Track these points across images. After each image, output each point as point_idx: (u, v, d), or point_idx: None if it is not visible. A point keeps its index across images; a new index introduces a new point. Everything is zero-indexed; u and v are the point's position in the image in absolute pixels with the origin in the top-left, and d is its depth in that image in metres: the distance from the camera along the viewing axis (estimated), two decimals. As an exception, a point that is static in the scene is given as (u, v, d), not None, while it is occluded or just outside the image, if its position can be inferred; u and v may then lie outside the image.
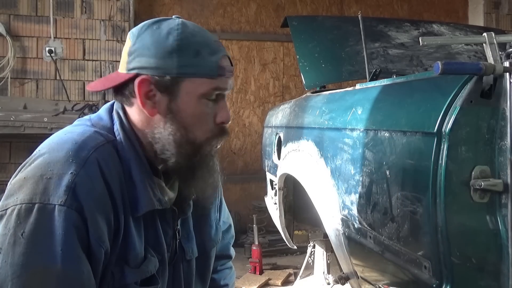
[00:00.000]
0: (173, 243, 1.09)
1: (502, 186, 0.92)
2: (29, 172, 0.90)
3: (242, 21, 4.65)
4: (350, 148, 1.37)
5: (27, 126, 3.35)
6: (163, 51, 0.96)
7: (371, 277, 1.41)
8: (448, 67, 0.92)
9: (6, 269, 0.82)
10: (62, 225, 0.85)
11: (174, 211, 1.07)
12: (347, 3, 4.84)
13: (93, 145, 0.93)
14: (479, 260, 0.94)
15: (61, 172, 0.88)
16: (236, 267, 4.19)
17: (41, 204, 0.85)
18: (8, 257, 0.83)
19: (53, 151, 0.92)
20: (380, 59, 2.30)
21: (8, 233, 0.84)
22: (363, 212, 1.28)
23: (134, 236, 0.97)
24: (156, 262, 1.02)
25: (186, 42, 0.97)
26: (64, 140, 0.94)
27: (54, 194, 0.86)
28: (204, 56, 0.98)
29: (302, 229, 2.45)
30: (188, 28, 0.99)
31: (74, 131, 0.98)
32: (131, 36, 1.00)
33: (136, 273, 0.97)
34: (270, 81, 4.72)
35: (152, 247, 1.02)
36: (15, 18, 4.00)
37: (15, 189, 0.88)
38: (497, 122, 0.95)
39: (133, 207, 0.96)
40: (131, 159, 0.98)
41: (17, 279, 0.82)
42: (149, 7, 4.45)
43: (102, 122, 1.02)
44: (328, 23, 2.69)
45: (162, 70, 0.96)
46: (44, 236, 0.84)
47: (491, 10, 4.89)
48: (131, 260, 0.96)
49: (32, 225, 0.84)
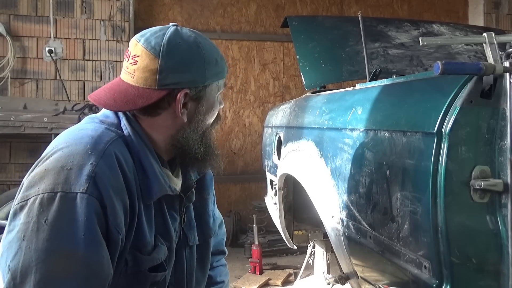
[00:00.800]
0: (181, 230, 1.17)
1: (502, 186, 0.92)
2: (50, 164, 0.94)
3: (242, 21, 4.65)
4: (350, 148, 1.37)
5: (27, 126, 3.35)
6: (196, 65, 1.07)
7: (371, 277, 1.41)
8: (448, 67, 0.92)
9: (30, 255, 0.86)
10: (84, 211, 0.89)
11: (181, 198, 1.15)
12: (347, 3, 4.84)
13: (108, 139, 1.00)
14: (479, 260, 0.94)
15: (81, 163, 0.93)
16: (236, 267, 4.21)
17: (63, 192, 0.90)
18: (32, 243, 0.87)
19: (71, 145, 0.97)
20: (380, 59, 2.30)
21: (31, 221, 0.88)
22: (363, 212, 1.28)
23: (144, 225, 1.04)
24: (165, 250, 1.09)
25: (209, 54, 1.09)
26: (80, 136, 1.00)
27: (75, 183, 0.91)
28: (220, 63, 1.13)
29: (302, 229, 2.45)
30: (202, 39, 1.11)
31: (87, 128, 1.04)
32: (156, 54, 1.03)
33: (148, 260, 1.04)
34: (270, 81, 4.72)
35: (161, 235, 1.09)
36: (15, 18, 4.00)
37: (36, 181, 0.92)
38: (497, 122, 0.95)
39: (145, 194, 1.04)
40: (140, 151, 1.05)
41: (42, 264, 0.85)
42: (149, 7, 4.45)
43: (109, 119, 1.08)
44: (328, 23, 2.69)
45: (197, 82, 1.08)
46: (67, 222, 0.89)
47: (491, 10, 4.89)
48: (143, 247, 1.03)
49: (55, 212, 0.88)
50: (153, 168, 1.05)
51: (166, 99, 1.06)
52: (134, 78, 1.05)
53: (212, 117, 1.16)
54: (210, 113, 1.14)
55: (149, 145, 1.07)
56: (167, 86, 1.04)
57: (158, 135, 1.10)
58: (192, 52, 1.06)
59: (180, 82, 1.05)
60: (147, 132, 1.09)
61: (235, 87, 4.64)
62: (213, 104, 1.14)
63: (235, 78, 4.64)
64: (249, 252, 3.85)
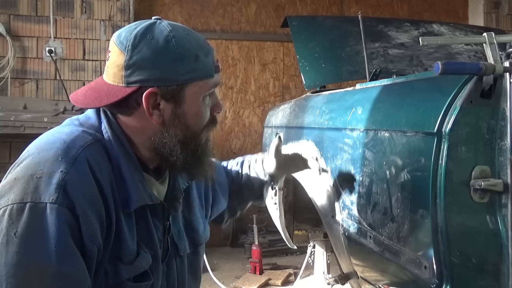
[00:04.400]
0: (165, 240, 1.10)
1: (502, 186, 0.92)
2: (19, 172, 0.90)
3: (242, 21, 4.65)
4: (350, 148, 1.37)
5: (27, 126, 3.35)
6: (166, 61, 0.97)
7: (371, 277, 1.41)
8: (448, 67, 0.92)
9: (0, 269, 0.82)
10: (54, 222, 0.85)
11: (163, 207, 1.09)
12: (347, 3, 4.84)
13: (81, 144, 0.94)
14: (479, 260, 0.94)
15: (51, 171, 0.88)
16: (236, 267, 4.20)
17: (32, 203, 0.85)
18: (1, 257, 0.83)
19: (42, 151, 0.92)
20: (380, 59, 2.30)
21: (1, 234, 0.84)
22: (363, 212, 1.28)
23: (126, 233, 0.98)
24: (149, 258, 1.03)
25: (184, 48, 0.98)
26: (52, 140, 0.95)
27: (45, 193, 0.86)
28: (202, 59, 1.00)
29: (302, 229, 2.45)
30: (180, 33, 0.99)
31: (62, 131, 0.98)
32: (122, 48, 0.96)
33: (130, 269, 0.98)
34: (270, 81, 4.72)
35: (144, 243, 1.03)
36: (15, 18, 4.00)
37: (6, 190, 0.88)
38: (497, 122, 0.95)
39: (124, 203, 0.97)
40: (120, 157, 0.99)
41: (12, 278, 0.82)
42: (149, 7, 4.45)
43: (90, 121, 1.03)
44: (328, 23, 2.69)
45: (167, 80, 0.97)
46: (37, 234, 0.84)
47: (491, 10, 4.89)
48: (124, 256, 0.97)
49: (25, 224, 0.84)
50: (132, 176, 0.99)
51: (134, 97, 0.98)
52: (106, 75, 1.00)
53: (199, 122, 1.04)
54: (193, 118, 1.02)
55: (129, 150, 1.01)
56: (133, 84, 0.96)
57: (136, 138, 1.02)
58: (162, 47, 0.96)
59: (147, 80, 0.96)
60: (128, 135, 1.02)
61: (235, 87, 4.64)
62: (197, 107, 1.01)
63: (235, 78, 4.64)
64: (249, 252, 3.85)
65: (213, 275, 3.41)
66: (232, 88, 4.63)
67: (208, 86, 1.02)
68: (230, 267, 3.91)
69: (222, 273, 3.73)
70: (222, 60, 4.59)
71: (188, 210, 1.20)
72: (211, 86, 1.03)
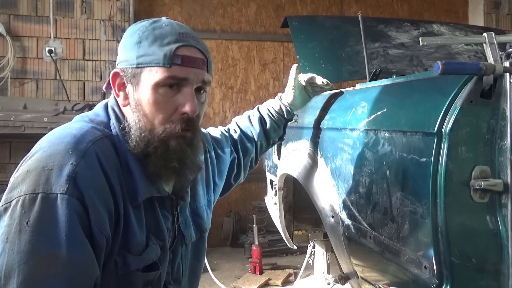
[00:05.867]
0: (174, 229, 1.15)
1: (502, 186, 0.93)
2: (31, 165, 0.93)
3: (242, 21, 4.65)
4: (350, 148, 1.37)
5: (27, 126, 3.35)
6: (129, 44, 1.05)
7: (371, 277, 1.41)
8: (448, 67, 0.93)
9: (13, 257, 0.85)
10: (65, 212, 0.88)
11: (172, 199, 1.13)
12: (347, 3, 4.84)
13: (91, 139, 0.98)
14: (479, 260, 0.94)
15: (62, 163, 0.92)
16: (236, 267, 4.20)
17: (44, 193, 0.89)
18: (14, 245, 0.86)
19: (53, 144, 0.96)
20: (380, 59, 2.30)
21: (14, 223, 0.87)
22: (363, 212, 1.28)
23: (134, 225, 1.02)
24: (157, 249, 1.07)
25: (146, 34, 1.03)
26: (63, 135, 0.99)
27: (56, 184, 0.90)
28: (158, 46, 1.02)
29: (302, 229, 2.45)
30: (158, 23, 1.05)
31: (73, 127, 1.02)
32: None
33: (139, 260, 1.02)
34: (270, 81, 4.72)
35: (154, 234, 1.07)
36: (15, 18, 4.00)
37: (18, 182, 0.92)
38: (497, 122, 0.95)
39: (131, 195, 1.01)
40: (128, 152, 1.03)
41: (24, 265, 0.85)
42: (149, 7, 4.45)
43: (99, 118, 1.08)
44: (328, 23, 2.69)
45: (127, 62, 1.04)
46: (48, 224, 0.88)
47: (491, 10, 4.89)
48: (133, 248, 1.01)
49: (36, 213, 0.87)
50: (139, 169, 1.03)
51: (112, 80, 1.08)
52: None
53: (153, 112, 1.02)
54: (148, 106, 1.02)
55: None
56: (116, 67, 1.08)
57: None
58: (132, 32, 1.06)
59: (119, 62, 1.07)
60: None
61: (235, 87, 4.64)
62: (148, 94, 1.01)
63: (235, 78, 4.64)
64: (249, 252, 3.85)
65: (213, 275, 3.41)
66: (232, 88, 4.63)
67: (160, 75, 1.00)
68: (230, 267, 3.91)
69: (222, 273, 3.73)
70: (222, 60, 4.59)
71: (194, 199, 1.24)
72: (165, 76, 1.00)
